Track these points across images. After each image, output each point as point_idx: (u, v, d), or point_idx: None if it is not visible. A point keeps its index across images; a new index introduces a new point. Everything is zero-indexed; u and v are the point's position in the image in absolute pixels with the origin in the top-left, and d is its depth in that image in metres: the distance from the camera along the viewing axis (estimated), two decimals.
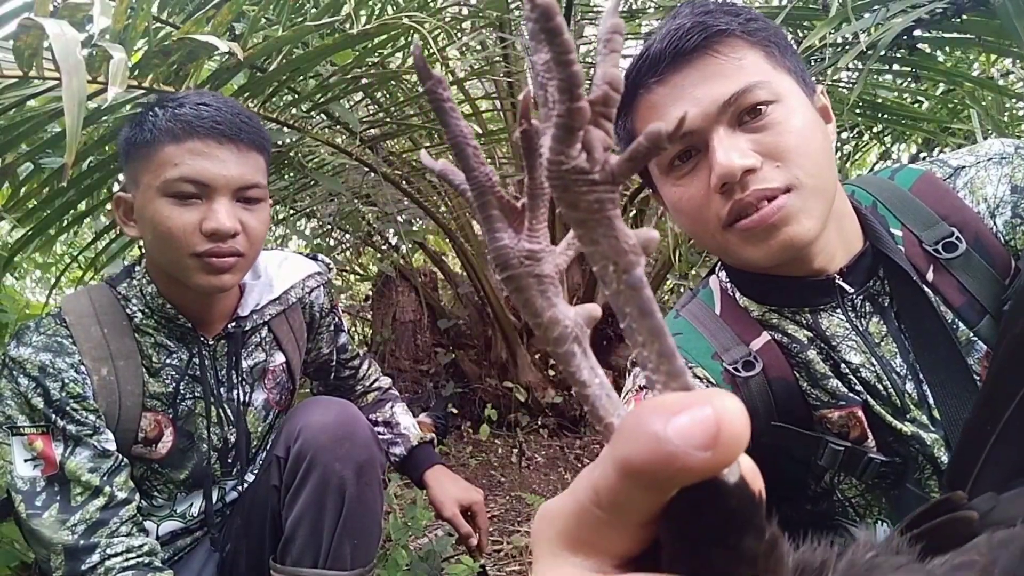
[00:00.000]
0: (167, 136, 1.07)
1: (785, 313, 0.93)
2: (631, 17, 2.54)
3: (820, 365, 0.91)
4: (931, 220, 0.88)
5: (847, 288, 0.89)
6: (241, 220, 1.12)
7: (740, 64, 0.83)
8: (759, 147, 0.81)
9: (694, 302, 1.00)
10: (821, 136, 0.85)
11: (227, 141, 1.10)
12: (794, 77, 0.86)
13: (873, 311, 0.90)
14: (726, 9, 0.86)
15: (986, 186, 0.87)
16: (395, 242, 3.03)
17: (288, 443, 1.22)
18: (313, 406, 1.28)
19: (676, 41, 0.83)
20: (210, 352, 1.25)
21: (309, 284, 1.37)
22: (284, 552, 1.21)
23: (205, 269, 1.11)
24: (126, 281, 1.21)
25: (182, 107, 1.09)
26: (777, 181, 0.80)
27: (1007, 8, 1.28)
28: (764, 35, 0.86)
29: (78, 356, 1.14)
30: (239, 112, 1.13)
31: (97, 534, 1.10)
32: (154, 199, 1.09)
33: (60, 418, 1.10)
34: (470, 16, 2.25)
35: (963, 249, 0.86)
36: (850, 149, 3.11)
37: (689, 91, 0.83)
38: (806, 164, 0.81)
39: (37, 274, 3.56)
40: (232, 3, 1.37)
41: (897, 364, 0.89)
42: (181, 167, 1.07)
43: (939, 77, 2.09)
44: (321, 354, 1.49)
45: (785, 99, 0.83)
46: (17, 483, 1.10)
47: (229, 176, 1.10)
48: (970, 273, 0.86)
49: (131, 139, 1.11)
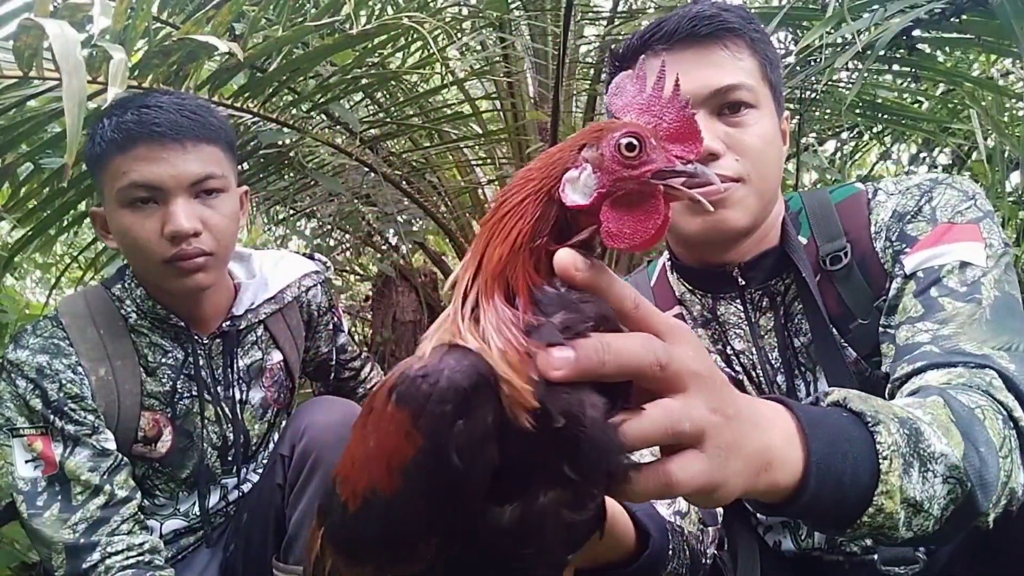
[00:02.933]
0: (113, 147, 1.08)
1: (696, 295, 1.07)
2: (631, 17, 2.54)
3: (708, 343, 1.05)
4: (836, 234, 0.99)
5: (741, 281, 1.01)
6: (202, 218, 1.11)
7: (739, 63, 0.94)
8: (728, 139, 0.92)
9: (642, 273, 1.18)
10: (777, 150, 0.98)
11: (170, 141, 1.09)
12: (773, 95, 0.99)
13: (769, 307, 1.01)
14: (741, 14, 0.97)
15: (881, 212, 0.97)
16: (395, 242, 3.02)
17: (293, 442, 1.22)
18: (318, 405, 1.28)
19: (694, 22, 0.93)
20: (205, 351, 1.25)
21: (305, 283, 1.38)
22: (288, 551, 1.21)
23: (176, 273, 1.12)
24: (120, 283, 1.22)
25: (125, 114, 1.09)
26: (732, 170, 0.92)
27: (1007, 8, 1.28)
28: (764, 48, 0.98)
29: (75, 357, 1.14)
30: (182, 107, 1.12)
31: (98, 532, 1.10)
32: (116, 210, 1.11)
33: (59, 418, 1.11)
34: (470, 16, 2.25)
35: (846, 263, 0.97)
36: (850, 149, 3.11)
37: (689, 68, 0.92)
38: (760, 167, 0.93)
39: (37, 274, 3.56)
40: (232, 3, 1.37)
41: (773, 357, 1.02)
42: (130, 174, 1.08)
43: (939, 77, 2.10)
44: (320, 353, 1.50)
45: (762, 108, 0.95)
46: (19, 484, 1.11)
47: (178, 174, 1.09)
48: (848, 286, 0.97)
49: (89, 154, 1.12)
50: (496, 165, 3.06)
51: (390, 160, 2.45)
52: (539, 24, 2.51)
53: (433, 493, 0.49)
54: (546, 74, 2.62)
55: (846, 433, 0.58)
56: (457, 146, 2.86)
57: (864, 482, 0.57)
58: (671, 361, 0.47)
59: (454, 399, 0.46)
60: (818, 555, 1.04)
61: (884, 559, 0.93)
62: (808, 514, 0.59)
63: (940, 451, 0.61)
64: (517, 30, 2.51)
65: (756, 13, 2.07)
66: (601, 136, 0.49)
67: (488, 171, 3.12)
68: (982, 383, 0.75)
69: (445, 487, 0.48)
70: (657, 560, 0.78)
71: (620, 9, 2.65)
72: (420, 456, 0.47)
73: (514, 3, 2.25)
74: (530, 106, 2.74)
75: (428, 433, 0.47)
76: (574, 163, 0.50)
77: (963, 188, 0.95)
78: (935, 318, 0.85)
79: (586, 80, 2.69)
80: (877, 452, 0.57)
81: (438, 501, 0.49)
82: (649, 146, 0.48)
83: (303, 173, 2.23)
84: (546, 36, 2.51)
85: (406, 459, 0.48)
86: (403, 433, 0.48)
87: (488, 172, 3.13)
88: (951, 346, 0.81)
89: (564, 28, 2.07)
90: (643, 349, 0.46)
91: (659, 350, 0.47)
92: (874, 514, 0.57)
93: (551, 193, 0.50)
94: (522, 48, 2.61)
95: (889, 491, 0.57)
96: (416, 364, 0.49)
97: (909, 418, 0.61)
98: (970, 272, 0.88)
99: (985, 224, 0.92)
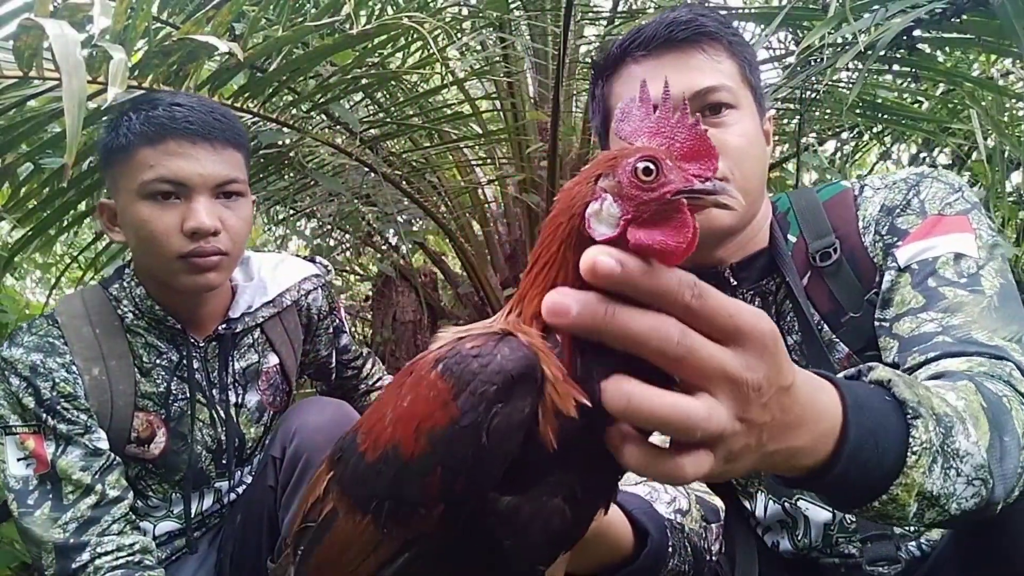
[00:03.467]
0: (142, 139, 1.08)
1: None
2: (631, 17, 2.54)
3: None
4: (824, 231, 1.01)
5: (733, 282, 1.02)
6: (221, 218, 1.12)
7: (718, 66, 0.96)
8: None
9: None
10: (760, 150, 0.99)
11: (201, 140, 1.11)
12: (754, 95, 1.00)
13: (761, 306, 1.02)
14: (718, 18, 0.99)
15: (869, 207, 0.99)
16: (395, 242, 3.02)
17: (284, 444, 1.22)
18: (308, 407, 1.27)
19: (671, 28, 0.95)
20: (200, 353, 1.25)
21: (305, 287, 1.37)
22: (281, 552, 1.21)
23: (190, 270, 1.12)
24: (117, 282, 1.22)
25: (155, 109, 1.10)
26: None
27: (1007, 8, 1.28)
28: (742, 50, 1.00)
29: (69, 356, 1.14)
30: (213, 110, 1.14)
31: (88, 532, 1.10)
32: (134, 202, 1.10)
33: (51, 417, 1.11)
34: (470, 16, 2.25)
35: (835, 259, 0.98)
36: (850, 149, 3.11)
37: (669, 72, 0.92)
38: (742, 166, 0.94)
39: (37, 274, 3.56)
40: (232, 3, 1.37)
41: None
42: (157, 168, 1.08)
43: (939, 77, 2.09)
44: (320, 356, 1.49)
45: (743, 109, 0.97)
46: (10, 482, 1.11)
47: (206, 174, 1.11)
48: (838, 282, 0.98)
49: (107, 145, 1.12)
50: (496, 165, 3.06)
51: (390, 160, 2.45)
52: (539, 24, 2.50)
53: (453, 464, 0.50)
54: (546, 74, 2.62)
55: (884, 422, 0.57)
56: (457, 146, 2.86)
57: (886, 470, 0.56)
58: (690, 355, 0.44)
59: (501, 382, 0.48)
60: (815, 556, 1.04)
61: (869, 558, 0.94)
62: (820, 489, 0.58)
63: (966, 449, 0.61)
64: (517, 30, 2.51)
65: (756, 13, 2.08)
66: (616, 163, 0.49)
67: (488, 171, 3.12)
68: (1003, 373, 0.75)
69: (466, 462, 0.50)
70: (657, 558, 0.78)
71: (620, 9, 2.65)
72: (452, 427, 0.49)
73: (514, 3, 2.25)
74: (530, 106, 2.74)
75: (466, 408, 0.49)
76: (593, 196, 0.50)
77: (949, 181, 0.97)
78: (938, 307, 0.86)
79: (586, 80, 2.68)
80: (908, 445, 0.57)
81: (455, 473, 0.50)
82: (665, 167, 0.48)
83: (303, 173, 2.23)
84: (546, 36, 2.51)
85: (436, 426, 0.50)
86: (440, 402, 0.50)
87: (488, 172, 3.12)
88: (963, 335, 0.82)
89: (564, 28, 2.07)
90: (651, 329, 0.43)
91: (674, 337, 0.43)
92: (887, 502, 0.57)
93: (581, 232, 0.50)
94: (522, 48, 2.61)
95: (908, 484, 0.57)
96: (469, 343, 0.51)
97: (945, 415, 0.61)
98: (965, 263, 0.89)
99: (974, 215, 0.93)
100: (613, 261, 0.43)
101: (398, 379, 0.57)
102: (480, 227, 3.00)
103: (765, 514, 1.08)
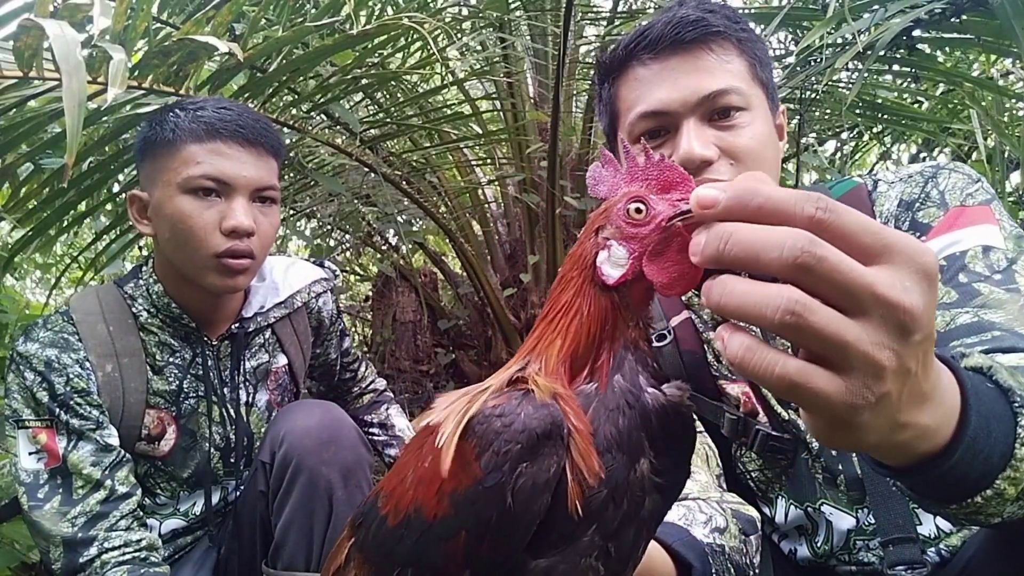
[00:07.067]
0: (190, 136, 1.11)
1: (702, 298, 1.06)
2: (631, 17, 2.54)
3: (719, 344, 0.98)
4: None
5: None
6: (256, 222, 1.15)
7: (727, 67, 0.93)
8: (721, 144, 0.91)
9: None
10: (774, 149, 0.97)
11: (248, 144, 1.14)
12: (765, 92, 0.97)
13: None
14: (727, 14, 0.96)
15: (886, 202, 0.97)
16: (395, 242, 3.03)
17: (273, 449, 1.21)
18: (296, 410, 1.26)
19: (678, 28, 0.92)
20: (213, 352, 1.26)
21: (316, 289, 1.39)
22: (275, 556, 1.21)
23: (221, 270, 1.14)
24: (133, 281, 1.23)
25: (204, 110, 1.13)
26: (727, 175, 0.90)
27: (1007, 8, 1.28)
28: (752, 47, 0.96)
29: (83, 352, 1.15)
30: (258, 119, 1.18)
31: (96, 527, 1.11)
32: (174, 196, 1.12)
33: (64, 412, 1.12)
34: (470, 16, 2.25)
35: None
36: (850, 149, 3.11)
37: (676, 76, 0.92)
38: (756, 168, 0.91)
39: (37, 274, 3.56)
40: (232, 3, 1.37)
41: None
42: (204, 165, 1.11)
43: (939, 77, 2.10)
44: (329, 359, 1.51)
45: (754, 109, 0.94)
46: (21, 475, 1.12)
47: (249, 177, 1.14)
48: None
49: (151, 138, 1.14)
50: (496, 165, 3.06)
51: (390, 160, 2.45)
52: (539, 24, 2.51)
53: (477, 527, 0.49)
54: (546, 74, 2.62)
55: (996, 410, 0.52)
56: (457, 146, 2.86)
57: (993, 463, 0.52)
58: (821, 264, 0.38)
59: (525, 441, 0.47)
60: (833, 564, 1.02)
61: (890, 562, 0.91)
62: (926, 483, 0.53)
63: None
64: (517, 30, 2.51)
65: (756, 13, 2.08)
66: (609, 213, 0.54)
67: (488, 171, 3.13)
68: None
69: (491, 524, 0.48)
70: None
71: (620, 9, 2.65)
72: (475, 488, 0.48)
73: (514, 3, 2.25)
74: (530, 106, 2.74)
75: (490, 468, 0.48)
76: (599, 247, 0.54)
77: (967, 172, 0.94)
78: (974, 303, 0.82)
79: (586, 80, 2.69)
80: (1016, 435, 0.52)
81: (479, 536, 0.49)
82: (652, 202, 0.53)
83: (303, 173, 2.23)
84: (546, 36, 2.51)
85: (459, 488, 0.49)
86: (462, 462, 0.49)
87: (488, 172, 3.13)
88: (1009, 331, 0.77)
89: (564, 28, 2.07)
90: (784, 234, 0.38)
91: (800, 242, 0.38)
92: (991, 497, 0.52)
93: (595, 281, 0.53)
94: (522, 48, 2.61)
95: (1015, 478, 0.52)
96: (491, 401, 0.51)
97: None
98: (994, 256, 0.86)
99: (995, 206, 0.91)
100: (715, 190, 0.41)
101: (417, 439, 0.56)
102: (480, 227, 3.01)
103: (785, 519, 1.05)
